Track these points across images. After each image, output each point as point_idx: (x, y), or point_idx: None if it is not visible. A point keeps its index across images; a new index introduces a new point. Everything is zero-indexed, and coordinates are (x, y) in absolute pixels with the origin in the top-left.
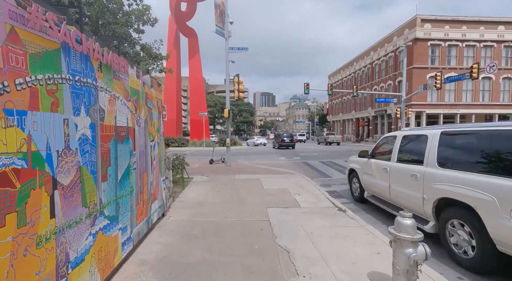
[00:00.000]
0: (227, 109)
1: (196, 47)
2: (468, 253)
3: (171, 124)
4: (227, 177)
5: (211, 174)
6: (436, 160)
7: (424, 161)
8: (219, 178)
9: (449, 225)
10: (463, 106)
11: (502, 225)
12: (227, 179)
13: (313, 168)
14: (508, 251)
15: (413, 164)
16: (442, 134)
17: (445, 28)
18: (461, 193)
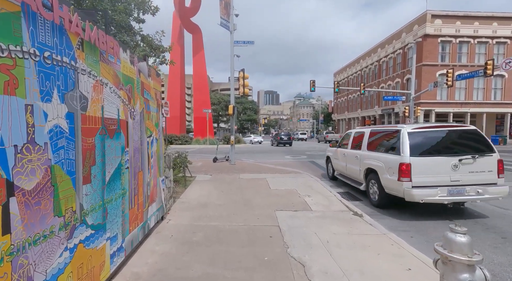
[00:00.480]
0: (231, 105)
1: (201, 43)
2: (376, 197)
3: (174, 121)
4: (232, 176)
5: (215, 172)
6: (366, 146)
7: (361, 147)
8: (223, 177)
9: (370, 183)
10: (473, 105)
11: (386, 178)
12: (231, 178)
13: (321, 167)
14: (391, 193)
15: (357, 150)
16: (370, 132)
17: (456, 24)
18: (372, 163)
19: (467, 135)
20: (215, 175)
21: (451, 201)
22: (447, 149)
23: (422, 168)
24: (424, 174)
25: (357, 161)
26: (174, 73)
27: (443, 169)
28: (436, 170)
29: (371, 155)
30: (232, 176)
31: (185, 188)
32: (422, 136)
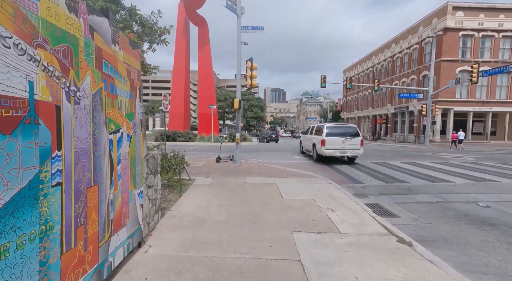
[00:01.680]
0: (237, 99)
1: (207, 37)
2: (315, 157)
3: (178, 118)
4: (236, 180)
5: (217, 175)
6: (314, 133)
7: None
8: (226, 181)
9: (314, 151)
10: (496, 104)
11: (318, 147)
12: (236, 183)
13: (337, 170)
14: (319, 153)
15: (311, 135)
16: (316, 126)
17: (480, 16)
18: (314, 140)
19: (350, 128)
20: (217, 177)
21: (340, 155)
22: (340, 134)
23: (329, 141)
24: (330, 144)
25: (310, 140)
26: (179, 68)
27: (338, 142)
28: (335, 142)
29: (314, 137)
30: (236, 179)
31: (180, 195)
32: (331, 128)
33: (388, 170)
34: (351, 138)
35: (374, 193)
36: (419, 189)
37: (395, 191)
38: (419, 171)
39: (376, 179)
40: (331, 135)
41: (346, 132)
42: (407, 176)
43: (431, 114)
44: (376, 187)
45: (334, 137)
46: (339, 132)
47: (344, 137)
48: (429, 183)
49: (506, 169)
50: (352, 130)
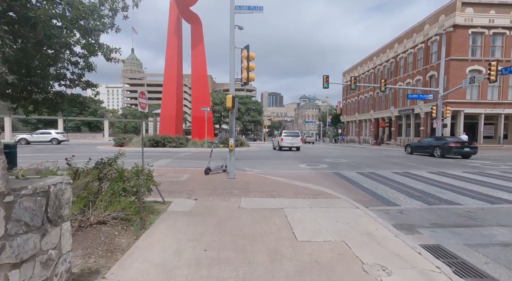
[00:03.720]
0: (230, 95)
1: (200, 35)
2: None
3: (169, 121)
4: (228, 203)
5: (203, 194)
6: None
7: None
8: (214, 204)
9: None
10: (509, 106)
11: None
12: (226, 209)
13: (356, 184)
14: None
15: (277, 137)
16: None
17: (490, 13)
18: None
19: (295, 133)
20: (203, 199)
21: (289, 146)
22: (290, 136)
23: (284, 140)
24: (285, 141)
25: (276, 140)
26: (170, 68)
27: (290, 140)
28: (287, 140)
29: (279, 138)
30: (228, 202)
31: (136, 237)
32: (285, 133)
33: (419, 183)
34: (295, 138)
35: (424, 224)
36: (483, 216)
37: (451, 219)
38: (460, 185)
39: (411, 198)
40: (286, 136)
41: (293, 135)
42: (450, 193)
43: (441, 117)
44: (419, 211)
45: (287, 137)
46: (290, 135)
47: (292, 137)
48: (487, 204)
49: None
50: (296, 134)
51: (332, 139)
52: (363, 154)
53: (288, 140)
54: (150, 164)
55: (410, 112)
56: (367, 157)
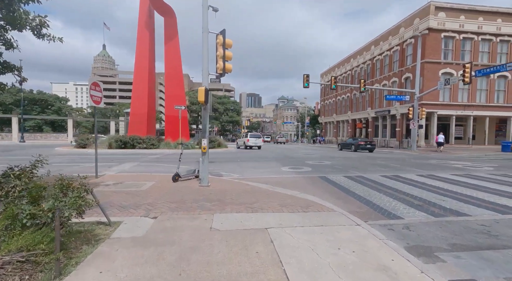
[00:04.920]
0: (203, 88)
1: (175, 28)
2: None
3: (140, 120)
4: (196, 225)
5: (166, 209)
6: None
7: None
8: (178, 226)
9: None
10: (477, 108)
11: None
12: (193, 235)
13: (346, 191)
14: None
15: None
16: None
17: (461, 18)
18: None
19: (258, 135)
20: (164, 217)
21: (253, 145)
22: (253, 136)
23: (250, 140)
24: (250, 141)
25: (242, 140)
26: (141, 63)
27: (254, 140)
28: (252, 141)
29: (246, 139)
30: (197, 221)
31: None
32: (250, 134)
33: (414, 189)
34: (258, 139)
35: (441, 245)
36: (503, 232)
37: (469, 237)
38: (458, 191)
39: (412, 207)
40: (251, 138)
41: (256, 136)
42: (451, 201)
43: (417, 118)
44: (427, 225)
45: (251, 138)
46: (254, 136)
47: (255, 138)
48: (498, 214)
49: None
50: (258, 136)
51: (310, 140)
52: (344, 155)
53: (252, 140)
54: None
55: (386, 114)
56: (349, 158)
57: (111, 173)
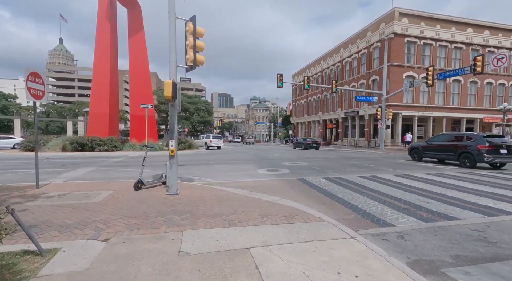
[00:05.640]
0: (170, 81)
1: (140, 21)
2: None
3: (101, 120)
4: (160, 248)
5: (123, 227)
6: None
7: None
8: (136, 252)
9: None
10: (436, 109)
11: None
12: (155, 265)
13: (328, 194)
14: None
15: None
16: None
17: (421, 25)
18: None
19: (219, 136)
20: (118, 239)
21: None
22: (215, 137)
23: (213, 141)
24: (213, 142)
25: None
26: (101, 58)
27: (216, 141)
28: (214, 141)
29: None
30: (161, 243)
31: None
32: (212, 135)
33: (396, 191)
34: (219, 140)
35: (444, 258)
36: (499, 237)
37: (469, 246)
38: (439, 191)
39: (399, 212)
40: (213, 139)
41: (218, 138)
42: (435, 203)
43: (385, 118)
44: (421, 233)
45: (214, 139)
46: (215, 137)
47: (217, 139)
48: (485, 217)
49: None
50: (219, 137)
51: (283, 140)
52: (318, 155)
53: (215, 141)
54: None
55: (355, 114)
56: (324, 158)
57: (59, 180)
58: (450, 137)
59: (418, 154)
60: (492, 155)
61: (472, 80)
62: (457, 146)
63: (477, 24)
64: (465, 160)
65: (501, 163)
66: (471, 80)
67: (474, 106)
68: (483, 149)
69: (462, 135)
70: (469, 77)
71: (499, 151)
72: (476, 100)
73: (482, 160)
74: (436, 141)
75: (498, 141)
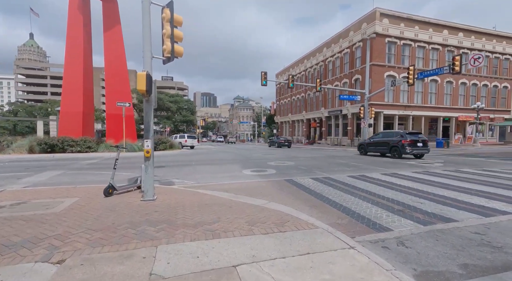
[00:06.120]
0: (143, 73)
1: (116, 15)
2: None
3: (74, 119)
4: (128, 272)
5: (84, 244)
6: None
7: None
8: (95, 279)
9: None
10: (415, 108)
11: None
12: None
13: (319, 196)
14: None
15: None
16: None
17: (401, 25)
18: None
19: (194, 136)
20: (74, 262)
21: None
22: (190, 137)
23: (188, 141)
24: (188, 142)
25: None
26: (74, 53)
27: (191, 141)
28: (189, 141)
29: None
30: (129, 263)
31: None
32: (187, 135)
33: (386, 191)
34: (194, 139)
35: (452, 268)
36: (503, 241)
37: (474, 252)
38: (429, 191)
39: (394, 214)
40: (188, 138)
41: (192, 137)
42: (430, 204)
43: (368, 117)
44: (421, 238)
45: (189, 139)
46: (190, 137)
47: (192, 139)
48: (482, 218)
49: (505, 177)
50: (194, 137)
51: (267, 139)
52: (303, 154)
53: (189, 141)
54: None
55: (338, 113)
56: (310, 157)
57: (17, 186)
58: (385, 135)
59: (364, 149)
60: (412, 148)
61: (448, 80)
62: (389, 142)
63: (452, 26)
64: (395, 152)
65: (419, 154)
66: (447, 80)
67: (450, 105)
68: (405, 143)
69: (392, 133)
70: (446, 77)
71: (417, 144)
72: (452, 100)
73: (405, 151)
74: (376, 138)
75: (416, 137)
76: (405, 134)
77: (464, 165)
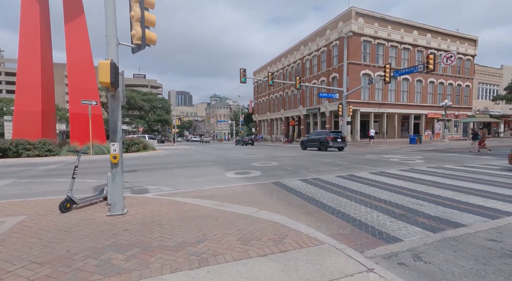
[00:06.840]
0: (107, 62)
1: (79, 4)
2: None
3: (31, 120)
4: None
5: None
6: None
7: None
8: None
9: None
10: (389, 106)
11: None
12: None
13: (312, 201)
14: None
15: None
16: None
17: (375, 25)
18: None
19: (153, 136)
20: None
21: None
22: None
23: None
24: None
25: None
26: (29, 43)
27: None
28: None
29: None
30: None
31: None
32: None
33: (381, 192)
34: (154, 140)
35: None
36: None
37: (500, 265)
38: (423, 190)
39: (398, 220)
40: (149, 139)
41: (152, 138)
42: (430, 206)
43: (346, 115)
44: (435, 249)
45: (150, 140)
46: (151, 137)
47: (152, 140)
48: (489, 220)
49: (491, 174)
50: (154, 137)
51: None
52: (286, 153)
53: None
54: None
55: (316, 111)
56: (293, 157)
57: None
58: (317, 133)
59: (304, 145)
60: (333, 143)
61: (418, 79)
62: (318, 139)
63: (421, 27)
64: (322, 147)
65: (339, 147)
66: (417, 79)
67: (421, 103)
68: (329, 139)
69: (322, 132)
70: (416, 76)
71: (337, 140)
72: (422, 98)
73: (329, 146)
74: (311, 136)
75: (337, 135)
76: (329, 133)
77: (444, 161)
